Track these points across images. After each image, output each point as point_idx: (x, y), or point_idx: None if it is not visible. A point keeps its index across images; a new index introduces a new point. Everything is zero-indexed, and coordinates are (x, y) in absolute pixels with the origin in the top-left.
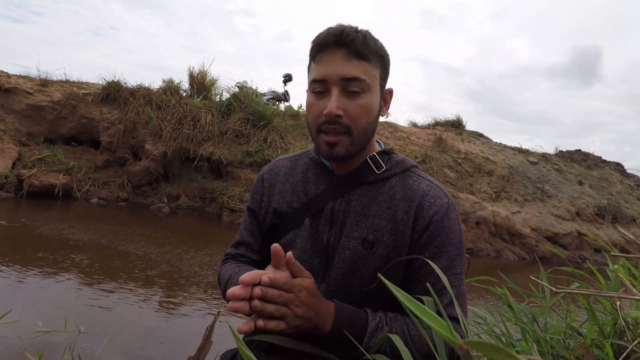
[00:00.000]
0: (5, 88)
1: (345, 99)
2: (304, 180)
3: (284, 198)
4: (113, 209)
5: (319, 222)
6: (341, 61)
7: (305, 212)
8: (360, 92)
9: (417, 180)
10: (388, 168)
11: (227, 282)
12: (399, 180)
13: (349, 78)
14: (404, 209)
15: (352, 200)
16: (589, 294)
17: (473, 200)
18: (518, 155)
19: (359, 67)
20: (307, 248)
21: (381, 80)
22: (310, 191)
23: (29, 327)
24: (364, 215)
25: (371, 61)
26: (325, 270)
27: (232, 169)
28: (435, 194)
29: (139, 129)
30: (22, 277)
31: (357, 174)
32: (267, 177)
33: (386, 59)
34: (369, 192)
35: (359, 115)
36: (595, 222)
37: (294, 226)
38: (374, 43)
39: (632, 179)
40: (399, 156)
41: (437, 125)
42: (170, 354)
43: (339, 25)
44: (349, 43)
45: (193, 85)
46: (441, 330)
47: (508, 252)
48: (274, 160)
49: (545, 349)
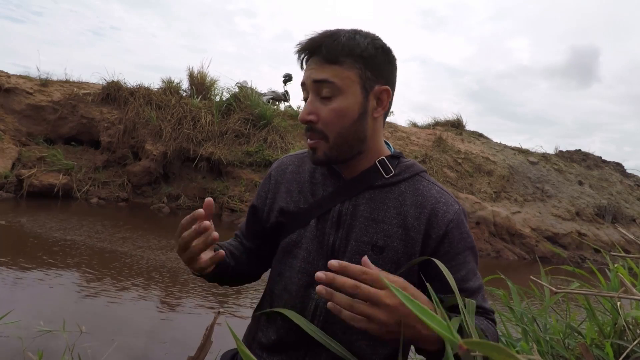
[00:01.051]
0: (5, 88)
1: (319, 103)
2: (311, 180)
3: (291, 197)
4: (113, 209)
5: (325, 225)
6: (314, 66)
7: (311, 213)
8: (331, 96)
9: (428, 186)
10: (397, 173)
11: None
12: (409, 186)
13: (318, 80)
14: (415, 215)
15: (360, 204)
16: (589, 294)
17: (473, 200)
18: (518, 155)
19: (330, 71)
20: (311, 250)
21: (365, 80)
22: (317, 192)
23: (30, 327)
24: (373, 220)
25: (344, 63)
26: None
27: (232, 169)
28: (447, 201)
29: (139, 129)
30: (23, 277)
31: (365, 178)
32: (275, 174)
33: (375, 58)
34: (377, 197)
35: (332, 120)
36: (595, 222)
37: (300, 226)
38: (352, 44)
39: (632, 179)
40: (408, 160)
41: (437, 125)
42: (171, 354)
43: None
44: (317, 50)
45: (193, 85)
46: (442, 330)
47: (508, 252)
48: (282, 157)
49: (545, 349)
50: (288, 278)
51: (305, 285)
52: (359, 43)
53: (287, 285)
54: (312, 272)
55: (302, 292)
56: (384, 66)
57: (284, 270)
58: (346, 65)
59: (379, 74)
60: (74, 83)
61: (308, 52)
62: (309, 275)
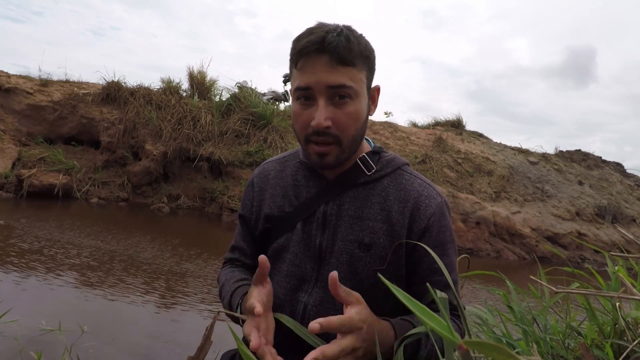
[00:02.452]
0: (5, 88)
1: (333, 107)
2: (294, 183)
3: (275, 202)
4: (113, 209)
5: (311, 227)
6: (325, 68)
7: (297, 216)
8: (348, 100)
9: (410, 179)
10: (379, 168)
11: (221, 289)
12: (391, 181)
13: (334, 86)
14: (399, 209)
15: (344, 204)
16: (589, 294)
17: (473, 200)
18: (518, 155)
19: (345, 74)
20: (299, 252)
21: (368, 81)
22: (301, 195)
23: (29, 327)
24: (357, 218)
25: (356, 65)
26: (318, 274)
27: (232, 169)
28: (429, 194)
29: (139, 129)
30: (22, 277)
31: (347, 177)
32: (257, 181)
33: (371, 57)
34: (361, 194)
35: (348, 124)
36: (595, 222)
37: (286, 230)
38: (357, 44)
39: (632, 179)
40: (389, 154)
41: (437, 125)
42: (172, 354)
43: (319, 25)
44: (332, 49)
45: (193, 85)
46: (442, 330)
47: (508, 252)
48: (262, 164)
49: (545, 349)
50: (277, 282)
51: (293, 289)
52: (360, 42)
53: (275, 290)
54: (300, 274)
55: (290, 295)
56: (375, 65)
57: (273, 275)
58: (358, 67)
59: (373, 74)
60: (74, 83)
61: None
62: (297, 279)
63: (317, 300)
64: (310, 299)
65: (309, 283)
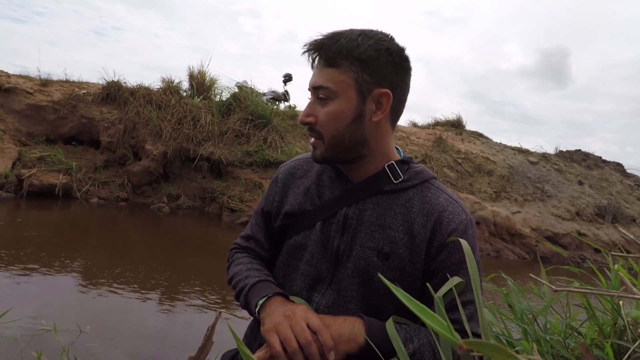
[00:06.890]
0: (5, 88)
1: (317, 106)
2: (318, 183)
3: (297, 200)
4: (113, 209)
5: (330, 228)
6: (317, 70)
7: (317, 216)
8: (327, 100)
9: (436, 193)
10: (406, 179)
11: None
12: (417, 193)
13: (316, 87)
14: (421, 222)
15: (367, 209)
16: (589, 292)
17: (473, 200)
18: (518, 155)
19: (326, 75)
20: (315, 252)
21: (362, 83)
22: (324, 195)
23: (29, 327)
24: (379, 225)
25: (340, 67)
26: (333, 276)
27: (232, 169)
28: (454, 210)
29: (139, 129)
30: (23, 277)
31: (373, 182)
32: (282, 177)
33: (376, 60)
34: (385, 202)
35: (326, 122)
36: (595, 222)
37: (305, 228)
38: (351, 46)
39: (632, 179)
40: (418, 166)
41: (437, 125)
42: (172, 354)
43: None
44: (322, 52)
45: (193, 85)
46: (442, 330)
47: (508, 252)
48: (291, 160)
49: (545, 349)
50: (292, 280)
51: (307, 288)
52: (358, 45)
53: (290, 287)
54: (315, 274)
55: (304, 295)
56: (386, 69)
57: (288, 272)
58: (343, 68)
59: (380, 77)
60: (74, 83)
61: (312, 53)
62: (312, 278)
63: (330, 302)
64: (323, 300)
65: (323, 284)
